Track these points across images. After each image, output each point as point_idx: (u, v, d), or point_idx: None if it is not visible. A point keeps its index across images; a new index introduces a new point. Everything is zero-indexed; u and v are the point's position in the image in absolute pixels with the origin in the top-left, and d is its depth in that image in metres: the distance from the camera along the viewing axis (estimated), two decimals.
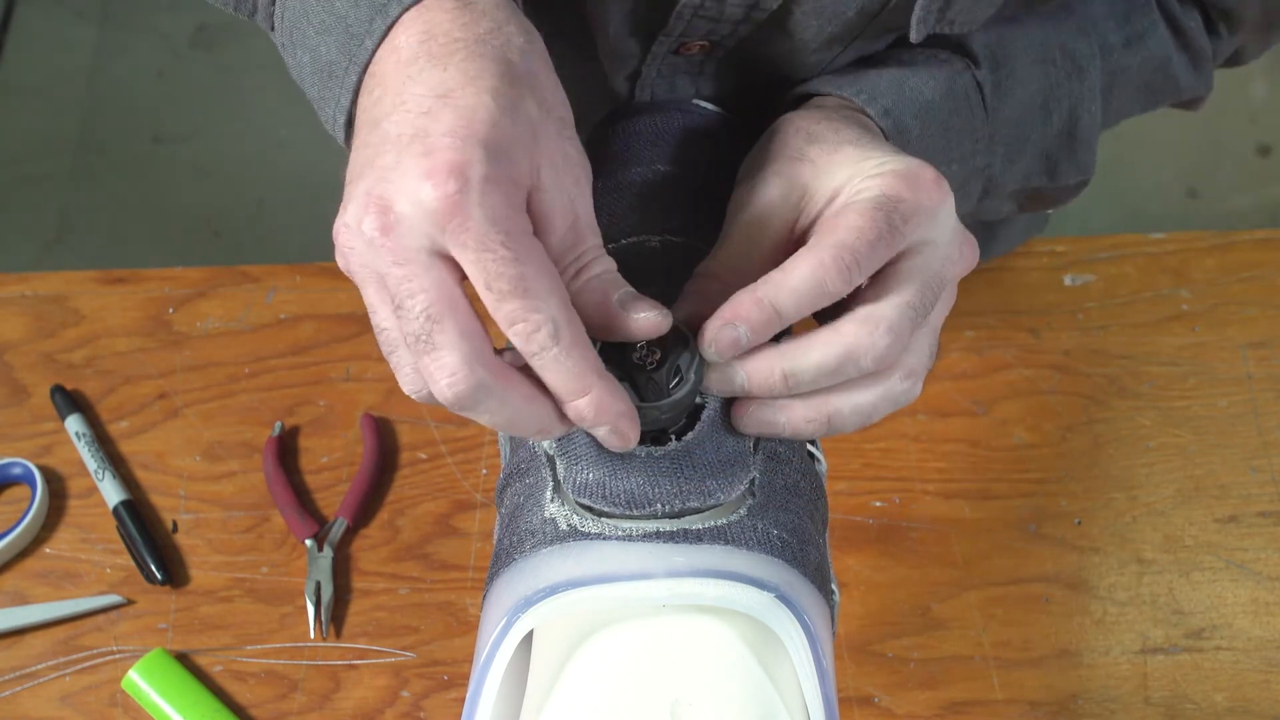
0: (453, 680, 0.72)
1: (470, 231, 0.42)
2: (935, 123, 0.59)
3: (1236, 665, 0.72)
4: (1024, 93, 0.63)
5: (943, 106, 0.59)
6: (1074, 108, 0.65)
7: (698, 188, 0.58)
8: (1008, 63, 0.62)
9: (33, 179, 2.10)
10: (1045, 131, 0.64)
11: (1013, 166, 0.64)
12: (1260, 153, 2.05)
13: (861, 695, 0.71)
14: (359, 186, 0.44)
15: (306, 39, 0.51)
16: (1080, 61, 0.64)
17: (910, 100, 0.58)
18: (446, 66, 0.44)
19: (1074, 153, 0.66)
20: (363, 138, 0.46)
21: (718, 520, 0.48)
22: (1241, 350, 0.83)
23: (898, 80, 0.59)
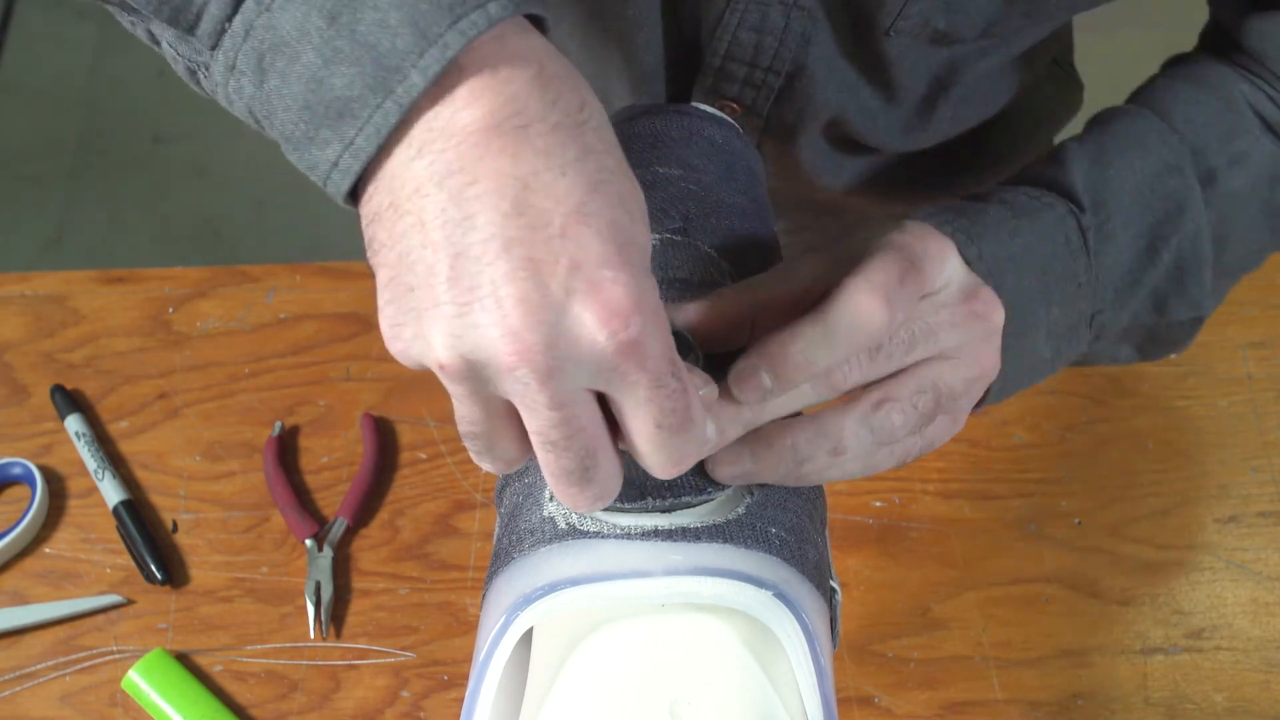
0: (453, 680, 0.72)
1: (647, 372, 0.39)
2: (1032, 268, 0.56)
3: (1236, 665, 0.72)
4: (1127, 236, 0.60)
5: (1041, 249, 0.57)
6: (1180, 246, 0.61)
7: (697, 189, 0.58)
8: (1106, 205, 0.60)
9: (33, 179, 2.10)
10: (1154, 272, 0.61)
11: (1122, 310, 0.61)
12: None
13: (861, 695, 0.71)
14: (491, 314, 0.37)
15: (298, 67, 0.40)
16: (1179, 198, 0.61)
17: (1004, 242, 0.55)
18: (564, 170, 0.38)
19: (1183, 288, 0.62)
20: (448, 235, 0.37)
21: (715, 518, 0.48)
22: (1241, 350, 0.83)
23: (998, 220, 0.56)
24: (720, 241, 0.56)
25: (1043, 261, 0.57)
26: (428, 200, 0.38)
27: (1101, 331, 0.61)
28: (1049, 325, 0.57)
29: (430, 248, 0.38)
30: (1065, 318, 0.58)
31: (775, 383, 0.46)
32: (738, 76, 0.68)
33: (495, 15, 0.38)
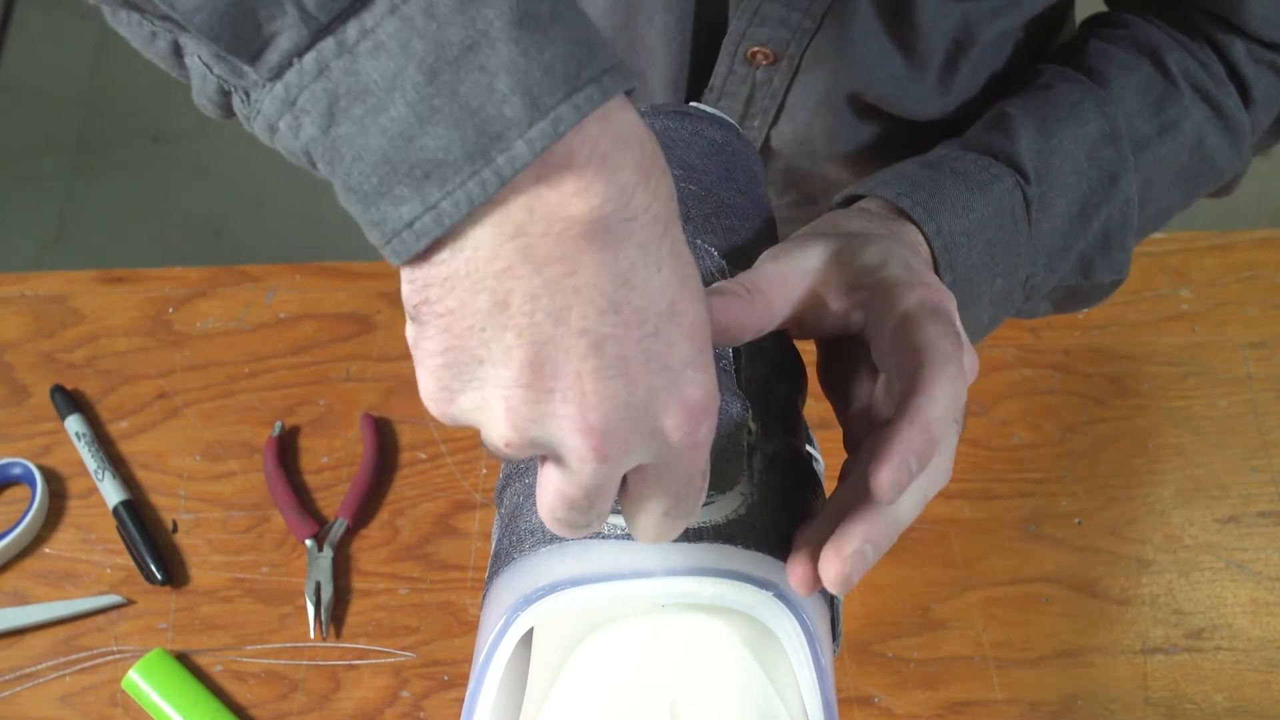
0: (453, 680, 0.72)
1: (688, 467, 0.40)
2: (981, 240, 0.59)
3: (1236, 665, 0.72)
4: (1064, 204, 0.64)
5: (990, 223, 0.60)
6: (1110, 214, 0.66)
7: (698, 189, 0.58)
8: (1049, 177, 0.63)
9: (33, 179, 2.10)
10: (1084, 237, 0.66)
11: (1052, 274, 0.65)
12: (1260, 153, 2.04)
13: (861, 695, 0.71)
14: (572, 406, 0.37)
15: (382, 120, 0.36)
16: (1112, 168, 0.65)
17: (961, 218, 0.59)
18: (660, 267, 0.37)
19: (1108, 253, 0.67)
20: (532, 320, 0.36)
21: (716, 519, 0.48)
22: (1241, 350, 0.83)
23: (953, 194, 0.60)
24: (721, 242, 0.56)
25: (992, 234, 0.60)
26: (518, 282, 0.36)
27: (1031, 293, 0.64)
28: (991, 294, 0.61)
29: (513, 330, 0.36)
30: (1005, 285, 0.62)
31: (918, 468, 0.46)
32: (773, 17, 0.69)
33: (609, 90, 0.36)
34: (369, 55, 0.36)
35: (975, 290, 0.60)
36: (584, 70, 0.35)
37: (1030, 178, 0.63)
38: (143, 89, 2.20)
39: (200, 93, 0.42)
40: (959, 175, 0.62)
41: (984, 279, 0.60)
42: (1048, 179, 0.64)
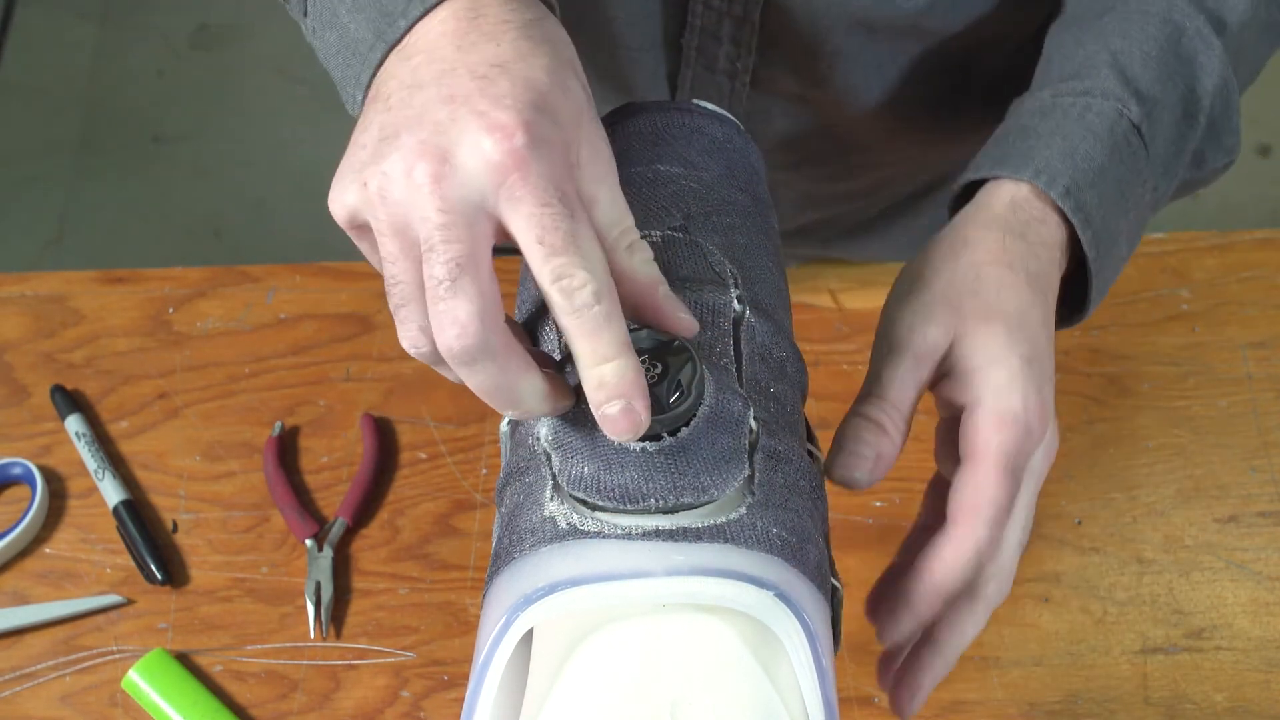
0: (453, 680, 0.72)
1: (529, 185, 0.44)
2: (1110, 186, 0.59)
3: (1236, 665, 0.72)
4: (1166, 112, 0.62)
5: (1112, 166, 0.59)
6: (1212, 103, 0.63)
7: (699, 187, 0.58)
8: (1144, 92, 0.61)
9: (33, 179, 2.10)
10: (1192, 136, 0.63)
11: (1171, 180, 0.63)
12: (1260, 153, 2.05)
13: (861, 695, 0.71)
14: (405, 138, 0.44)
15: (338, 18, 0.52)
16: (1200, 57, 0.63)
17: (1084, 171, 0.58)
18: (500, 42, 0.46)
19: (1218, 140, 0.65)
20: (400, 97, 0.46)
21: (717, 518, 0.48)
22: (1241, 350, 0.83)
23: (1068, 151, 0.58)
24: (722, 239, 0.56)
25: (1117, 174, 0.59)
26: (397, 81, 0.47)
27: (1157, 205, 0.63)
28: (1127, 231, 0.60)
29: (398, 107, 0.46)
30: (1139, 216, 0.61)
31: None
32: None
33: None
34: None
35: (1113, 233, 0.59)
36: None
37: (1129, 99, 0.60)
38: (143, 89, 2.20)
39: None
40: (1060, 119, 0.59)
41: (1118, 218, 0.59)
42: (1144, 94, 0.60)
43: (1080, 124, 0.59)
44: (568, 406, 0.48)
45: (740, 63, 0.76)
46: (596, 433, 0.47)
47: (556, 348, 0.51)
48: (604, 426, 0.46)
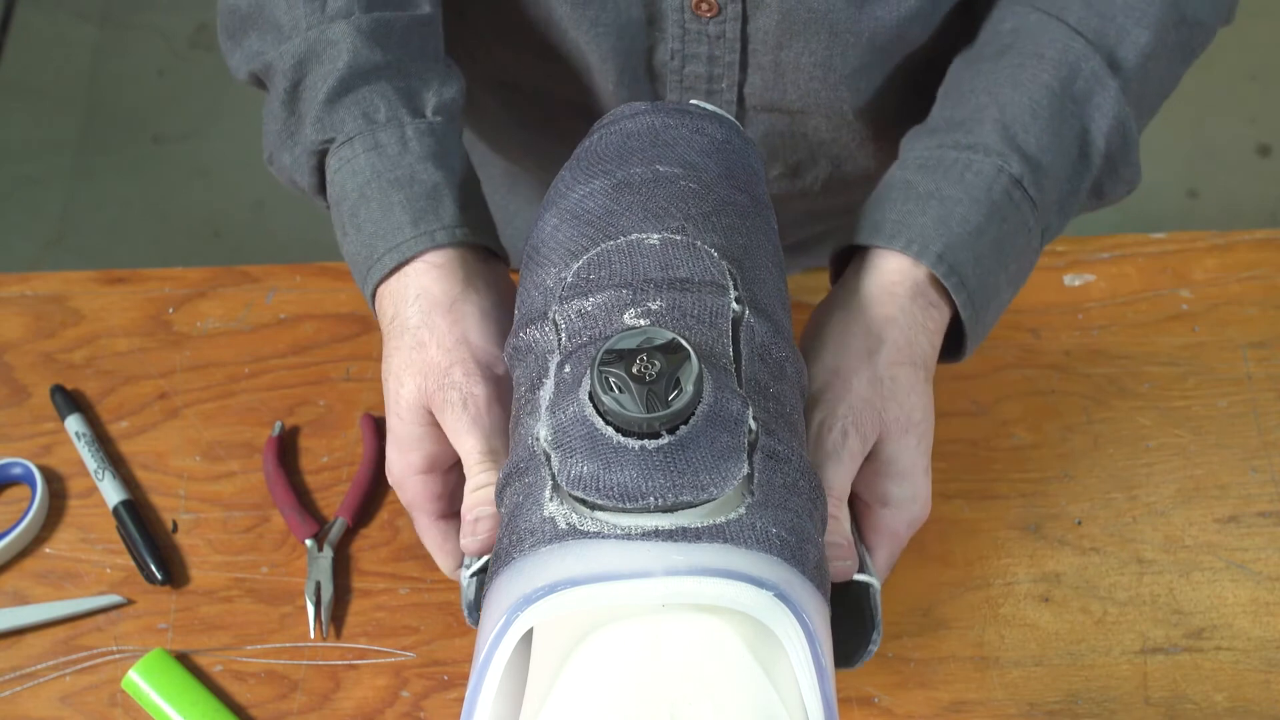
0: (453, 680, 0.72)
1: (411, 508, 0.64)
2: (988, 245, 0.63)
3: (1236, 665, 0.72)
4: (1060, 162, 0.65)
5: (991, 225, 0.63)
6: (1109, 140, 0.66)
7: (698, 188, 0.58)
8: (1028, 144, 0.64)
9: (33, 179, 2.10)
10: (1089, 175, 0.66)
11: (1066, 217, 0.67)
12: (1260, 153, 2.05)
13: (861, 695, 0.71)
14: None
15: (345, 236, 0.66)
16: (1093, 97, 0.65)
17: (959, 235, 0.62)
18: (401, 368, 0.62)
19: (1116, 174, 0.68)
20: None
21: (716, 518, 0.48)
22: (1241, 350, 0.83)
23: (943, 217, 0.62)
24: (721, 240, 0.56)
25: (999, 236, 0.63)
26: None
27: (1046, 241, 0.67)
28: (1009, 279, 0.65)
29: None
30: (1024, 262, 0.66)
31: None
32: None
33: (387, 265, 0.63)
34: None
35: (992, 288, 0.63)
36: None
37: (1010, 156, 0.63)
38: (143, 89, 2.19)
39: None
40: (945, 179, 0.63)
41: (997, 272, 0.63)
42: (1027, 150, 0.63)
43: (959, 185, 0.63)
44: None
45: (720, 82, 0.76)
46: (595, 432, 0.47)
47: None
48: None
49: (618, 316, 0.52)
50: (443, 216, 0.62)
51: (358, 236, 0.63)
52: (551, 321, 0.54)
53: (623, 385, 0.47)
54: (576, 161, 0.61)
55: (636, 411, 0.46)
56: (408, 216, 0.62)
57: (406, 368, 0.60)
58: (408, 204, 0.62)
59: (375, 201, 0.62)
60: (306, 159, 0.65)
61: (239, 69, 0.69)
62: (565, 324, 0.53)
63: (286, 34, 0.65)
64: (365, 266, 0.63)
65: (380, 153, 0.63)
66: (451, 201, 0.63)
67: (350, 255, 0.64)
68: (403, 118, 0.64)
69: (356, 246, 0.63)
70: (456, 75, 0.68)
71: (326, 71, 0.64)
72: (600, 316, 0.53)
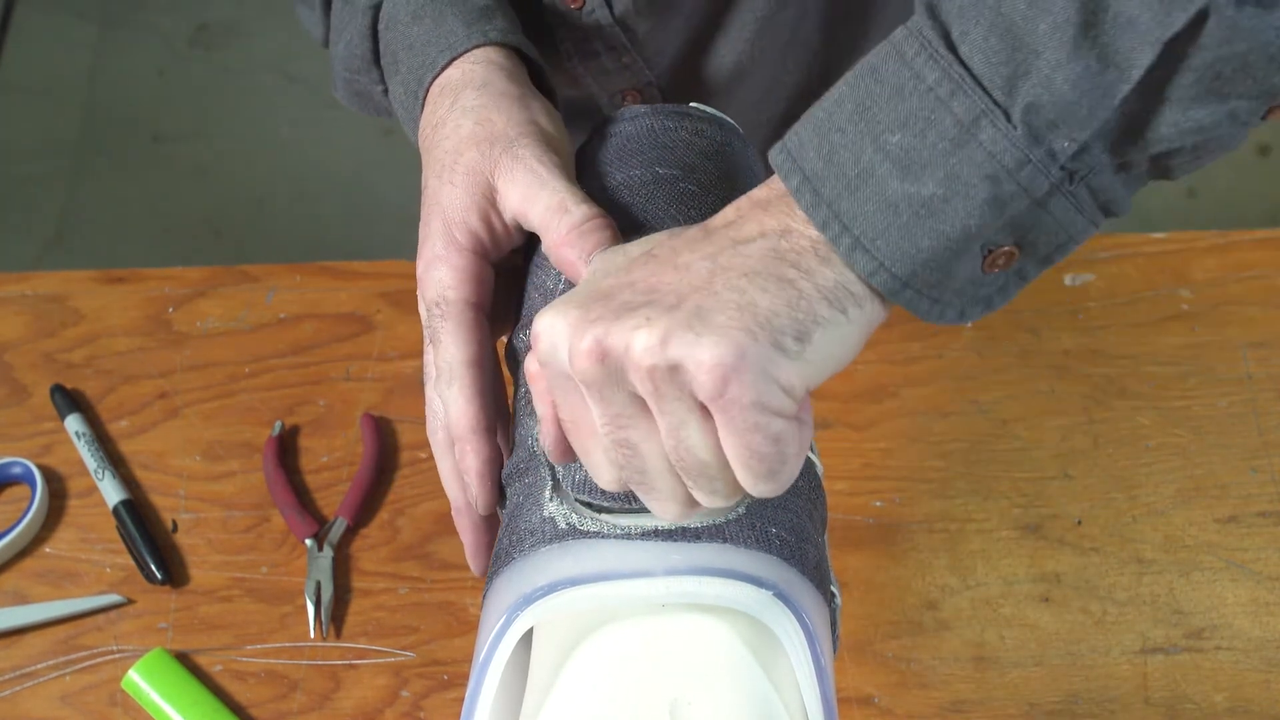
0: (453, 680, 0.72)
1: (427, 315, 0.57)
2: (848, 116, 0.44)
3: (1236, 665, 0.72)
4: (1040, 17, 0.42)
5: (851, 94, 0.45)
6: None
7: (698, 190, 0.58)
8: None
9: (33, 179, 2.10)
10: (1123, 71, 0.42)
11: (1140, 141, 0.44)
12: (1260, 153, 2.05)
13: (861, 695, 0.71)
14: None
15: None
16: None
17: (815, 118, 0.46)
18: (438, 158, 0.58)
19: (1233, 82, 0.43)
20: None
21: (716, 518, 0.48)
22: (1241, 350, 0.83)
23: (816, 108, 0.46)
24: None
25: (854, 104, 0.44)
26: None
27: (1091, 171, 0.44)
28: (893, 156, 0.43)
29: None
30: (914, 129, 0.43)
31: None
32: None
33: None
34: None
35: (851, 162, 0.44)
36: None
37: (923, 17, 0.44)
38: (143, 89, 2.20)
39: None
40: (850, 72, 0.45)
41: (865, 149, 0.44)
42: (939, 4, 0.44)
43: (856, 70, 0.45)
44: None
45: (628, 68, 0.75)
46: None
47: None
48: None
49: None
50: (495, 23, 0.61)
51: (409, 56, 0.61)
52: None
53: None
54: (575, 164, 0.61)
55: None
56: (460, 23, 0.60)
57: (469, 138, 0.56)
58: (460, 14, 0.61)
59: (430, 18, 0.61)
60: (360, 21, 0.65)
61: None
62: None
63: None
64: (417, 79, 0.60)
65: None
66: (503, 16, 0.62)
67: (402, 81, 0.62)
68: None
69: (409, 65, 0.61)
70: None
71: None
72: None
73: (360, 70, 0.66)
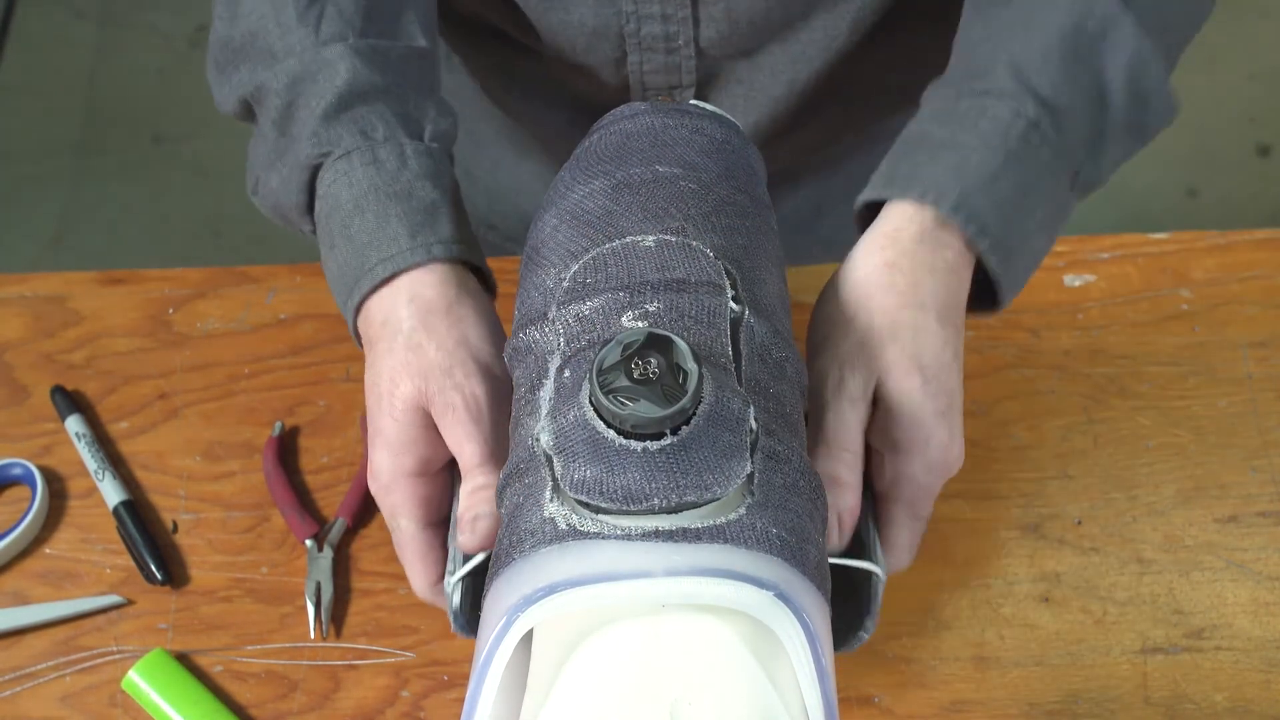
0: (453, 680, 0.72)
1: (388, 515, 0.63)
2: (1009, 189, 0.60)
3: (1236, 665, 0.72)
4: (1078, 103, 0.62)
5: (1009, 169, 0.60)
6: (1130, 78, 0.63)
7: (698, 188, 0.58)
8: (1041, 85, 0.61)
9: (33, 179, 2.10)
10: (1115, 115, 0.63)
11: (1100, 158, 0.64)
12: (1260, 153, 2.05)
13: (861, 695, 0.71)
14: None
15: None
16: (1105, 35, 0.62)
17: (975, 180, 0.60)
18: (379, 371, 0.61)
19: (1146, 107, 0.64)
20: None
21: (717, 519, 0.48)
22: (1241, 350, 0.83)
23: (958, 164, 0.60)
24: (720, 240, 0.56)
25: (1020, 180, 0.60)
26: None
27: (1090, 184, 0.64)
28: (1042, 225, 0.62)
29: None
30: (1057, 208, 0.63)
31: None
32: None
33: None
34: None
35: (1021, 233, 0.61)
36: None
37: (1025, 98, 0.61)
38: (143, 89, 2.20)
39: None
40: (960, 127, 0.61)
41: (1025, 218, 0.61)
42: (1041, 91, 0.61)
43: (974, 131, 0.61)
44: None
45: (676, 39, 0.77)
46: (597, 435, 0.47)
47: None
48: None
49: (615, 319, 0.52)
50: (440, 232, 0.61)
51: (348, 247, 0.62)
52: (551, 322, 0.54)
53: (633, 396, 0.47)
54: (576, 162, 0.61)
55: (660, 411, 0.46)
56: (405, 228, 0.61)
57: (402, 368, 0.60)
58: (405, 217, 0.61)
59: (372, 212, 0.62)
60: (298, 175, 0.64)
61: (227, 100, 0.68)
62: (564, 327, 0.53)
63: (281, 58, 0.65)
64: (355, 276, 0.62)
65: (379, 167, 0.62)
66: (448, 220, 0.62)
67: (337, 267, 0.63)
68: (401, 138, 0.64)
69: (347, 256, 0.62)
70: (451, 110, 0.68)
71: (323, 90, 0.64)
72: (598, 320, 0.53)
73: (291, 213, 0.66)
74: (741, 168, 0.61)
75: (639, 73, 0.79)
